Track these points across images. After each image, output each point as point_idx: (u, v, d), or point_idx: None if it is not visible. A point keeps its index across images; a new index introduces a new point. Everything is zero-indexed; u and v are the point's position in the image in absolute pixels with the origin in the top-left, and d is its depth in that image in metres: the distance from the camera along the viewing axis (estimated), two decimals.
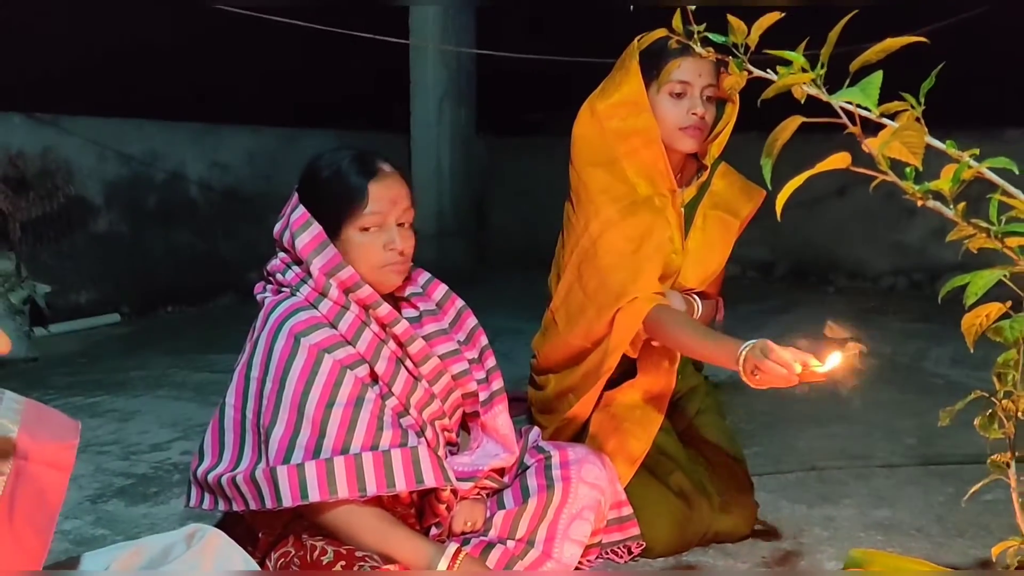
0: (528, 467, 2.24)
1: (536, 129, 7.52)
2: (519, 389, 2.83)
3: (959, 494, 2.72)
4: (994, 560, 1.41)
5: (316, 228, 1.98)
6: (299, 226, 1.99)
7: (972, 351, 1.38)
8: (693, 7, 1.52)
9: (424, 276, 2.26)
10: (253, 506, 1.92)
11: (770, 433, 3.26)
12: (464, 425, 2.28)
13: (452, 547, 1.91)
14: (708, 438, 2.54)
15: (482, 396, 2.21)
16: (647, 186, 2.41)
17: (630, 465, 2.42)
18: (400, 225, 2.01)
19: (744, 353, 2.01)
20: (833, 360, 1.91)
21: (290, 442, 1.89)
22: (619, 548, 2.34)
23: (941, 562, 2.25)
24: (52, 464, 1.31)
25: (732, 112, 2.45)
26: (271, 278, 2.06)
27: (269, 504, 1.88)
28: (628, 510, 2.34)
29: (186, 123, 6.04)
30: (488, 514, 2.17)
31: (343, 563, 1.89)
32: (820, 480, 2.90)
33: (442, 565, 1.88)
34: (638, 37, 2.36)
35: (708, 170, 2.52)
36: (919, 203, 1.12)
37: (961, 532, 2.48)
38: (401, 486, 1.90)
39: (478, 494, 2.20)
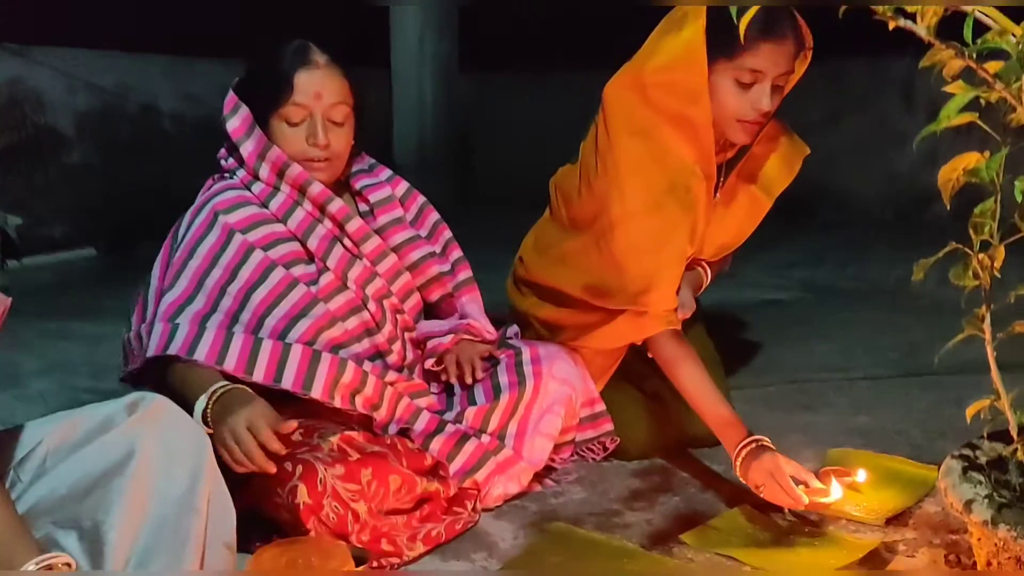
0: (499, 362, 2.19)
1: (524, 66, 7.38)
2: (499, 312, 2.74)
3: (941, 402, 2.68)
4: (968, 422, 1.36)
5: (243, 112, 1.99)
6: (229, 110, 2.00)
7: (948, 207, 1.32)
8: None
9: (386, 173, 2.25)
10: (138, 361, 1.91)
11: (750, 349, 3.21)
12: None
13: (218, 383, 1.77)
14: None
15: (446, 288, 2.23)
16: (684, 166, 2.12)
17: (603, 373, 2.37)
18: (332, 123, 1.99)
19: (745, 452, 1.95)
20: (837, 491, 1.92)
21: (179, 307, 1.88)
22: (593, 445, 2.30)
23: (922, 462, 2.21)
24: None
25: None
26: (219, 165, 2.09)
27: (147, 354, 1.85)
28: (601, 407, 2.30)
29: (158, 55, 5.91)
30: (459, 408, 2.12)
31: (301, 432, 1.82)
32: (800, 392, 2.85)
33: (200, 403, 1.73)
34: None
35: None
36: (891, 25, 1.04)
37: (942, 434, 2.43)
38: (259, 377, 1.84)
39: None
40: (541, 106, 6.97)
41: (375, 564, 1.73)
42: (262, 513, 1.80)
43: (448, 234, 2.28)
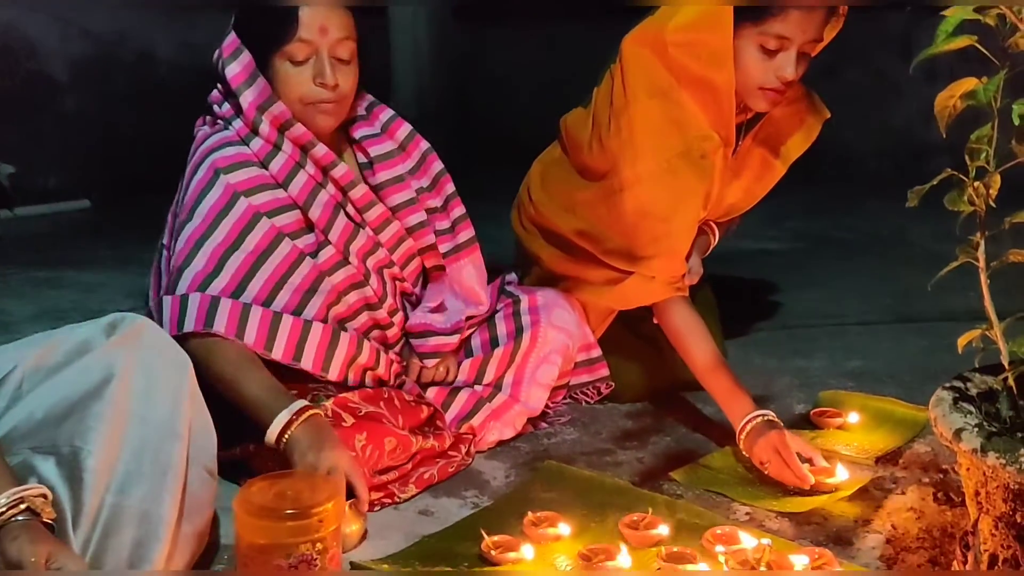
0: (497, 311, 2.17)
1: (520, 18, 7.29)
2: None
3: (934, 347, 2.68)
4: (960, 351, 1.35)
5: (246, 57, 1.84)
6: (229, 54, 1.86)
7: (944, 136, 1.30)
8: None
9: (386, 114, 2.09)
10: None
11: (743, 296, 3.19)
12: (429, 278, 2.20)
13: (299, 404, 1.70)
14: None
15: (445, 247, 2.11)
16: (702, 131, 2.06)
17: (603, 320, 2.35)
18: (339, 60, 1.85)
19: (750, 427, 1.88)
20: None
21: (179, 270, 1.79)
22: (588, 389, 2.30)
23: (913, 403, 2.21)
24: None
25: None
26: (210, 110, 1.94)
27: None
28: (597, 352, 2.29)
29: (155, 2, 5.82)
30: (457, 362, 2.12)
31: (295, 393, 1.78)
32: (793, 337, 2.85)
33: (282, 417, 1.68)
34: None
35: None
36: None
37: (934, 377, 2.41)
38: (278, 354, 1.79)
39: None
40: (539, 58, 6.91)
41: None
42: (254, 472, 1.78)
43: (451, 188, 2.13)
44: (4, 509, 1.19)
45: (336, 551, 1.47)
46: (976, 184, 1.24)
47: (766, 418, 1.89)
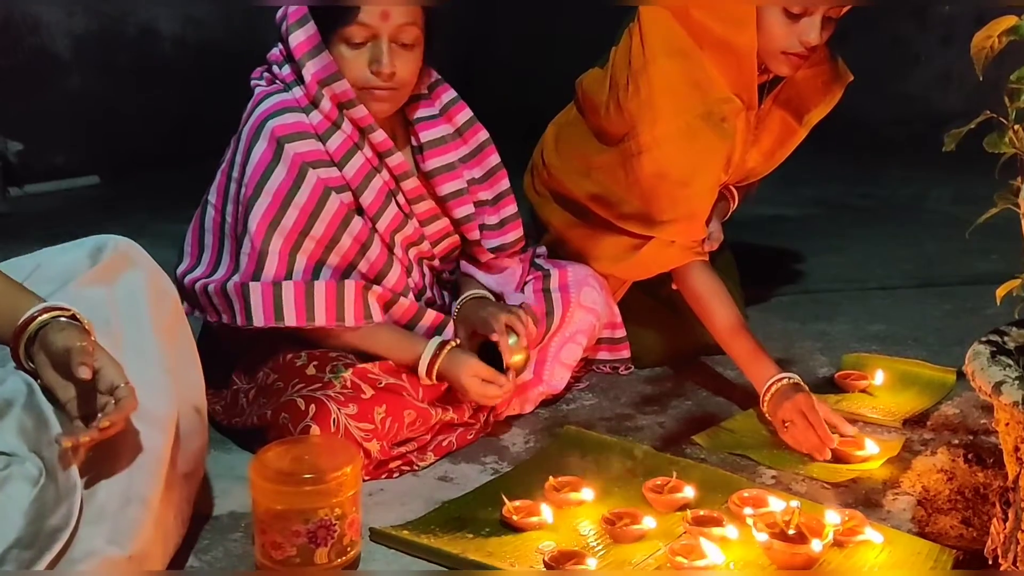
0: (527, 283, 2.13)
1: None
2: None
3: (957, 311, 2.64)
4: (998, 303, 1.31)
5: (312, 28, 1.77)
6: (295, 20, 1.79)
7: (981, 79, 1.25)
8: None
9: (448, 95, 2.00)
10: (225, 319, 1.81)
11: (761, 261, 3.15)
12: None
13: (430, 349, 1.82)
14: None
15: (492, 243, 2.05)
16: (723, 94, 2.01)
17: (622, 284, 2.31)
18: (401, 45, 1.78)
19: (775, 388, 1.83)
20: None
21: (258, 255, 1.75)
22: (605, 366, 2.26)
23: (938, 366, 2.18)
24: None
25: None
26: (270, 68, 1.87)
27: (240, 321, 1.77)
28: (621, 332, 2.25)
29: None
30: None
31: (316, 363, 1.80)
32: (814, 301, 2.80)
33: (427, 355, 1.81)
34: None
35: None
36: None
37: (959, 341, 2.37)
38: (378, 317, 1.82)
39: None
40: (540, 25, 6.84)
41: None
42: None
43: (505, 184, 2.05)
44: (42, 312, 1.20)
45: (355, 516, 1.43)
46: (1016, 127, 1.19)
47: (791, 381, 1.84)
